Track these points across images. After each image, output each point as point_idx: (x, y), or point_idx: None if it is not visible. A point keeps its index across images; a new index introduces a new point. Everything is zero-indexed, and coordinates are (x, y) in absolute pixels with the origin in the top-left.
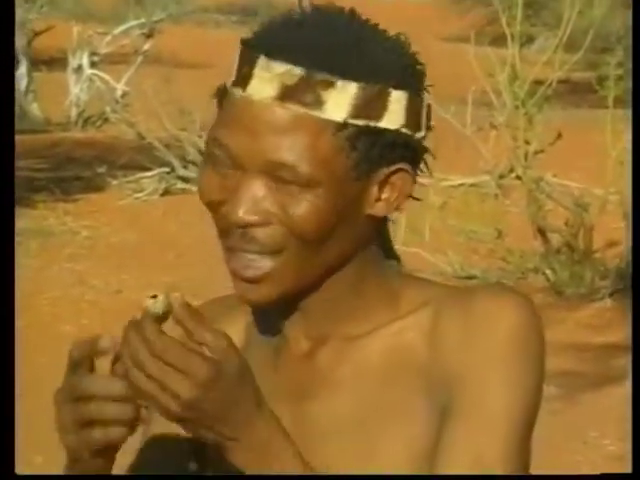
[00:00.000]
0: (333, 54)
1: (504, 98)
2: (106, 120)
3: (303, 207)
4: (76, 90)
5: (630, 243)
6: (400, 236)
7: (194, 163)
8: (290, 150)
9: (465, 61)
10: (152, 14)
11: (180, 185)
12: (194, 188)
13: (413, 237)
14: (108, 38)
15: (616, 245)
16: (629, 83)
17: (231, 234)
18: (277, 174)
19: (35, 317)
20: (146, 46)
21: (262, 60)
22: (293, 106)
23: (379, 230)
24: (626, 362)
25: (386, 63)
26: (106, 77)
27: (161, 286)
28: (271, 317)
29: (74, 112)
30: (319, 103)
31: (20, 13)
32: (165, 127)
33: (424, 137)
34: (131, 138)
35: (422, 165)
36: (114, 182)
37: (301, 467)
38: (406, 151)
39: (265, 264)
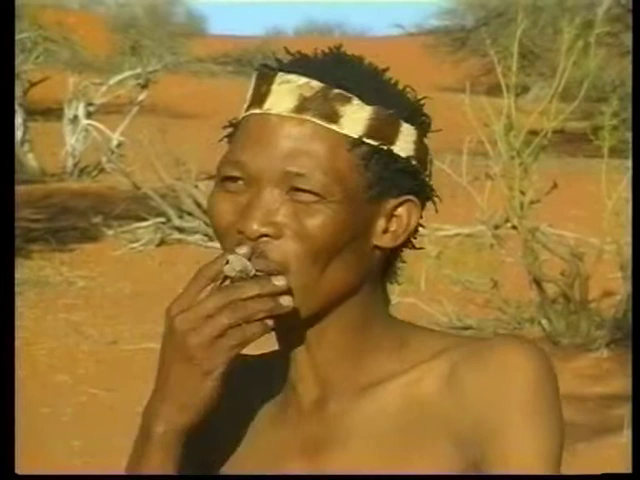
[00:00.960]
0: (349, 77)
1: (500, 148)
2: (102, 170)
3: (318, 218)
4: (72, 140)
5: (629, 290)
6: (396, 286)
7: (190, 213)
8: (306, 161)
9: (461, 111)
10: (147, 64)
11: (176, 235)
12: (190, 238)
13: (409, 287)
14: (104, 88)
15: (612, 295)
16: (627, 133)
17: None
18: (293, 185)
19: (33, 367)
20: (141, 96)
21: (280, 76)
22: (310, 118)
23: (384, 272)
24: (624, 412)
25: (399, 99)
26: (102, 127)
27: (157, 337)
28: (277, 368)
29: (70, 162)
30: (336, 117)
31: (16, 64)
32: (161, 177)
33: (429, 177)
34: (126, 188)
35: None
36: (109, 232)
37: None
38: (415, 184)
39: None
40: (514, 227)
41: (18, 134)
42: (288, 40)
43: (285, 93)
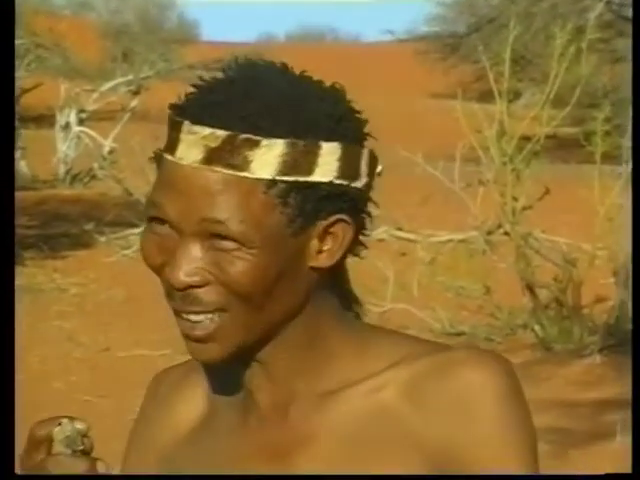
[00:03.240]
0: (259, 113)
1: (492, 154)
2: (93, 177)
3: (239, 266)
4: (64, 147)
5: (622, 295)
6: (389, 292)
7: None
8: (222, 208)
9: (452, 117)
10: (139, 71)
11: None
12: None
13: (401, 293)
14: (95, 95)
15: (605, 301)
16: (619, 139)
17: (174, 296)
18: (212, 232)
19: (27, 374)
20: (133, 103)
21: (186, 125)
22: (220, 169)
23: (334, 278)
24: (617, 418)
25: (317, 116)
26: (94, 134)
27: (150, 344)
28: (233, 375)
29: (62, 169)
30: (245, 163)
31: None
32: (152, 183)
33: (368, 185)
34: (119, 194)
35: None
36: (102, 239)
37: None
38: (343, 202)
39: (210, 323)
40: (506, 233)
41: None
42: (280, 45)
43: (192, 144)
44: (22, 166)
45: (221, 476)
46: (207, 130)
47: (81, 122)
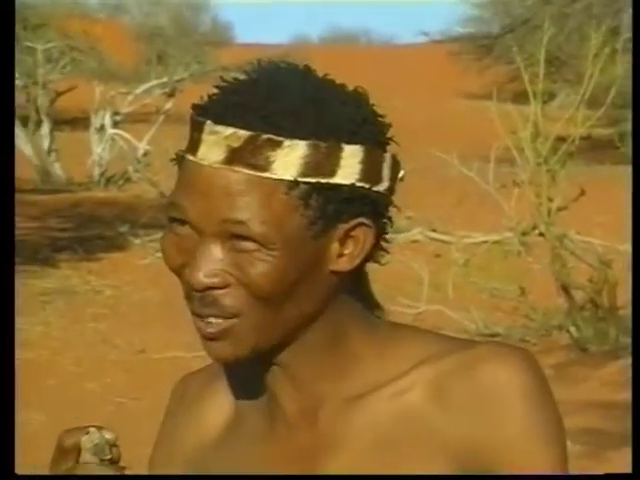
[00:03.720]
0: (282, 114)
1: (527, 155)
2: (128, 179)
3: (259, 267)
4: (98, 150)
5: None
6: (423, 294)
7: None
8: (243, 209)
9: (487, 118)
10: (174, 73)
11: None
12: None
13: (436, 294)
14: (130, 98)
15: None
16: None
17: (193, 298)
18: (233, 233)
19: (61, 376)
20: (168, 105)
21: (209, 125)
22: (241, 169)
23: (355, 281)
24: None
25: (340, 119)
26: (128, 136)
27: (184, 346)
28: (257, 379)
29: (96, 171)
30: (267, 164)
31: (42, 73)
32: None
33: (389, 189)
34: (153, 197)
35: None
36: (136, 241)
37: None
38: (364, 205)
39: (224, 322)
40: (541, 234)
41: (45, 143)
42: (313, 47)
43: (214, 144)
44: (57, 169)
45: (224, 476)
46: (229, 130)
47: (115, 125)
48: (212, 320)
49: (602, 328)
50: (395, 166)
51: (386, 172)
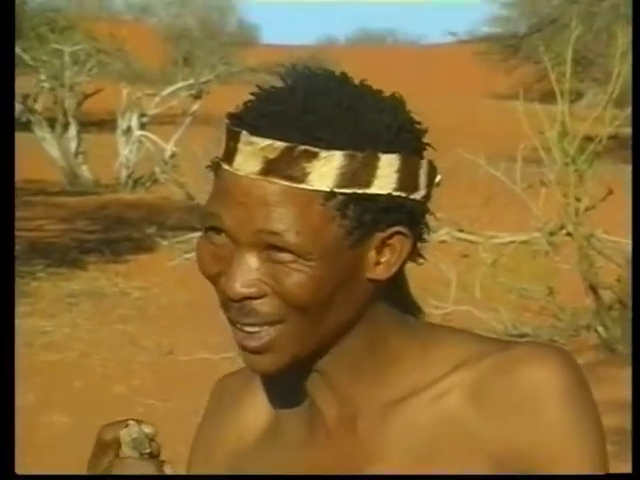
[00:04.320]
0: (318, 124)
1: (554, 155)
2: (155, 181)
3: (295, 278)
4: (125, 151)
5: None
6: (451, 294)
7: None
8: (279, 220)
9: (514, 118)
10: (200, 75)
11: None
12: None
13: (464, 295)
14: (157, 99)
15: None
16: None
17: (230, 307)
18: (269, 243)
19: (88, 379)
20: (194, 107)
21: (244, 135)
22: (278, 180)
23: (392, 286)
24: None
25: (376, 127)
26: (155, 138)
27: (213, 347)
28: (296, 384)
29: (124, 173)
30: (303, 175)
31: (70, 76)
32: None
33: (426, 196)
34: (180, 198)
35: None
36: (164, 243)
37: None
38: (401, 214)
39: (266, 334)
40: (569, 234)
41: (72, 146)
42: (340, 48)
43: (250, 155)
44: (84, 171)
45: (224, 476)
46: (265, 141)
47: (142, 126)
48: (251, 329)
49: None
50: (431, 172)
51: (422, 179)
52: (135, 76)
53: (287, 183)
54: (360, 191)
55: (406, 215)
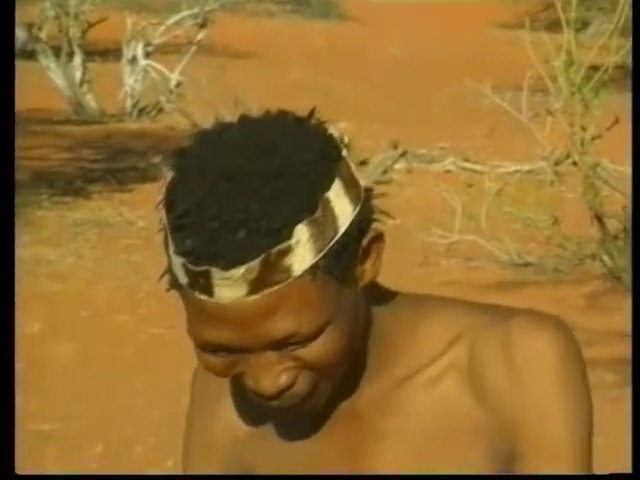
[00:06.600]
0: (282, 213)
1: (560, 84)
2: (160, 110)
3: (319, 350)
4: (130, 81)
5: None
6: (456, 224)
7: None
8: (287, 322)
9: (520, 47)
10: (205, 4)
11: None
12: None
13: (469, 224)
14: (162, 29)
15: None
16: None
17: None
18: (286, 342)
19: (94, 308)
20: (199, 36)
21: (216, 272)
22: (268, 290)
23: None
24: None
25: (309, 175)
26: (160, 67)
27: None
28: None
29: (129, 103)
30: (288, 271)
31: (74, 4)
32: (219, 116)
33: (367, 186)
34: (186, 128)
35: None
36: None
37: None
38: (364, 224)
39: (304, 399)
40: (575, 163)
41: (77, 75)
42: None
43: (230, 285)
44: (89, 100)
45: (226, 476)
46: (241, 269)
47: (147, 56)
48: (289, 405)
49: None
50: (350, 157)
51: (356, 174)
52: (139, 5)
53: (277, 287)
54: (333, 242)
55: (367, 221)
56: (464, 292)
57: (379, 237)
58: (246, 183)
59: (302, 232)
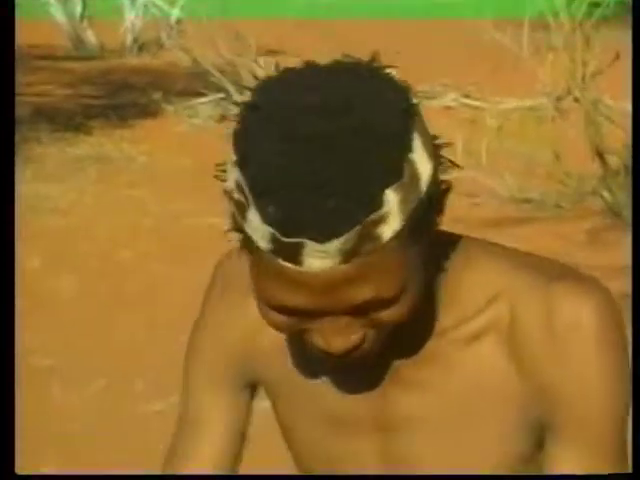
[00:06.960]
0: (372, 186)
1: (561, 20)
2: (161, 46)
3: (393, 312)
4: (131, 16)
5: None
6: (457, 159)
7: (250, 89)
8: (371, 289)
9: None
10: None
11: (236, 111)
12: None
13: (470, 160)
14: None
15: None
16: None
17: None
18: (364, 308)
19: (94, 244)
20: None
21: (310, 244)
22: (358, 259)
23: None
24: None
25: (397, 134)
26: (160, 3)
27: (218, 212)
28: None
29: (129, 38)
30: (379, 236)
31: None
32: (220, 53)
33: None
34: (186, 64)
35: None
36: (170, 108)
37: None
38: (438, 178)
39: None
40: (576, 99)
41: (77, 10)
42: None
43: (324, 256)
44: (89, 35)
45: (231, 476)
46: (337, 242)
47: None
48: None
49: None
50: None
51: (424, 130)
52: None
53: (369, 256)
54: (418, 202)
55: (441, 175)
56: (465, 229)
57: (450, 188)
58: (327, 145)
59: (392, 198)
